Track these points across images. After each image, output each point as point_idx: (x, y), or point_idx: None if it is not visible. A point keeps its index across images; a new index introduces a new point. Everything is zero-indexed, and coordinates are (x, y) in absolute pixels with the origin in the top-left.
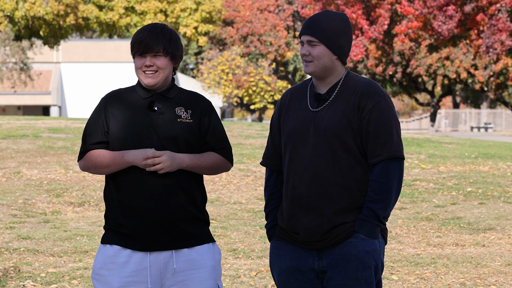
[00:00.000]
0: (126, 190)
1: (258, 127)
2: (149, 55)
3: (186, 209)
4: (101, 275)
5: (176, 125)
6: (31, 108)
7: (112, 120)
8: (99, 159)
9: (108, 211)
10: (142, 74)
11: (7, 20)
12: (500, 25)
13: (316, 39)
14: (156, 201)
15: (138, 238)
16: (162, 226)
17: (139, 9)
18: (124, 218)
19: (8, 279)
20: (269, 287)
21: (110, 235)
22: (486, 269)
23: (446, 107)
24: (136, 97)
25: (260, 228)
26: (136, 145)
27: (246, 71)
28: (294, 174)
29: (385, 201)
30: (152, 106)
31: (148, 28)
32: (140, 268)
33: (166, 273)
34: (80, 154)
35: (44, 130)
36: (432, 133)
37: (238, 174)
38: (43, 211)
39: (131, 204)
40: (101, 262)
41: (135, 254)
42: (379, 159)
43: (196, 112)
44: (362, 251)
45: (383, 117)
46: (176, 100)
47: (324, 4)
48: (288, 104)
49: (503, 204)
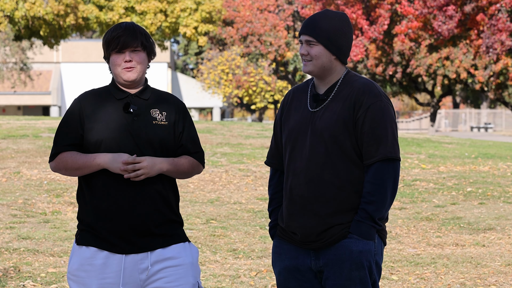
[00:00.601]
0: (99, 194)
1: (258, 127)
2: (127, 50)
3: (162, 212)
4: (78, 276)
5: (152, 127)
6: (31, 108)
7: (87, 122)
8: (70, 161)
9: (81, 213)
10: (121, 71)
11: (7, 20)
12: (500, 25)
13: (314, 39)
14: (131, 206)
15: (113, 241)
16: (138, 230)
17: (139, 9)
18: (99, 222)
19: (8, 279)
20: (269, 287)
21: (86, 236)
22: (486, 269)
23: (446, 107)
24: (111, 98)
25: (260, 228)
26: (111, 148)
27: (246, 71)
28: (292, 174)
29: (379, 203)
30: (127, 107)
31: (122, 26)
32: (117, 270)
33: (143, 274)
34: (51, 156)
35: (44, 130)
36: (432, 133)
37: (238, 174)
38: (43, 211)
39: (105, 208)
40: (78, 263)
41: (112, 256)
42: (373, 160)
43: (171, 114)
44: (356, 251)
45: (377, 118)
46: (150, 102)
47: (324, 4)
48: (290, 104)
49: (503, 204)
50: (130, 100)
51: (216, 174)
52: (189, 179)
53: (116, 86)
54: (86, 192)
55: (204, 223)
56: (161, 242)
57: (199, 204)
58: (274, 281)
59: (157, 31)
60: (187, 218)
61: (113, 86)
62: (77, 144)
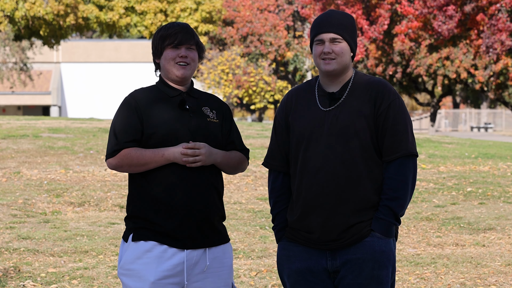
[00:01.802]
0: (163, 188)
1: (258, 127)
2: (184, 46)
3: (218, 207)
4: (132, 270)
5: (206, 124)
6: (31, 108)
7: (146, 118)
8: (135, 157)
9: (138, 210)
10: (175, 66)
11: (7, 20)
12: (500, 25)
13: (340, 36)
14: (195, 199)
15: (175, 236)
16: (199, 224)
17: (139, 9)
18: (161, 217)
19: (8, 279)
20: (269, 287)
21: (143, 233)
22: (486, 269)
23: (446, 107)
24: (164, 95)
25: (260, 228)
26: (172, 144)
27: (246, 71)
28: (307, 174)
29: (402, 199)
30: (183, 104)
31: (179, 24)
32: (176, 263)
33: (196, 270)
34: (112, 152)
35: (44, 130)
36: (432, 133)
37: (238, 174)
38: (43, 211)
39: (169, 203)
40: (133, 256)
41: (170, 249)
42: (396, 156)
43: (219, 113)
44: (378, 250)
45: (399, 115)
46: (201, 100)
47: (324, 4)
48: (295, 104)
49: (503, 204)
50: (183, 97)
51: None
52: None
53: (166, 84)
54: (144, 188)
55: None
56: (216, 240)
57: None
58: (274, 281)
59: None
60: None
61: (163, 84)
62: (138, 140)
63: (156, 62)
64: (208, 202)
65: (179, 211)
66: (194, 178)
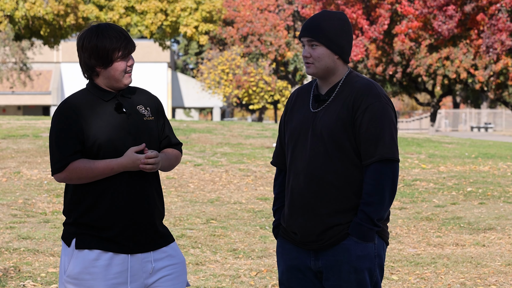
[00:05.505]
0: (103, 195)
1: (258, 127)
2: (131, 55)
3: (160, 210)
4: (81, 279)
5: (144, 124)
6: (31, 108)
7: (86, 127)
8: (84, 170)
9: (81, 216)
10: (124, 76)
11: (7, 20)
12: (500, 25)
13: (316, 40)
14: (139, 204)
15: (120, 241)
16: (143, 228)
17: (139, 9)
18: (106, 222)
19: (8, 279)
20: (269, 287)
21: (87, 240)
22: (486, 269)
23: (446, 107)
24: (98, 100)
25: (260, 228)
26: (114, 149)
27: (246, 71)
28: (293, 175)
29: (377, 204)
30: (120, 108)
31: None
32: (123, 270)
33: (146, 273)
34: (59, 168)
35: (44, 130)
36: (432, 133)
37: (238, 174)
38: (43, 211)
39: (115, 208)
40: (81, 266)
41: (116, 256)
42: (371, 161)
43: (153, 109)
44: (354, 255)
45: (375, 119)
46: (134, 99)
47: (324, 4)
48: (293, 104)
49: (503, 204)
50: (119, 100)
51: (216, 174)
52: (189, 178)
53: (100, 88)
54: (86, 195)
55: (204, 223)
56: (164, 241)
57: (199, 204)
58: (274, 281)
59: (158, 30)
60: (187, 218)
61: (96, 88)
62: (81, 150)
63: (96, 69)
64: (150, 205)
65: (123, 216)
66: (139, 183)
